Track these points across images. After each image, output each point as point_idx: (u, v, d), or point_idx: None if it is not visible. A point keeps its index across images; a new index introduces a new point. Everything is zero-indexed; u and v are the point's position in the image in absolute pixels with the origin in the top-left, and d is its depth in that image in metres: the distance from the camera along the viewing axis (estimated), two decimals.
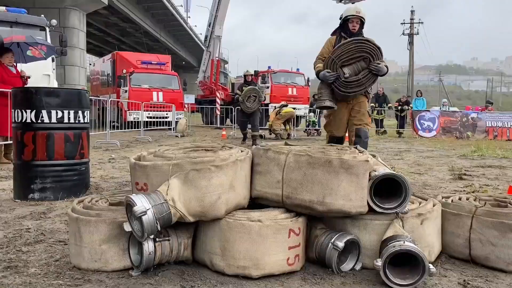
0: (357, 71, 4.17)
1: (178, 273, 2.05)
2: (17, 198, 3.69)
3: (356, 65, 4.15)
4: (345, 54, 4.12)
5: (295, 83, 21.26)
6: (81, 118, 3.82)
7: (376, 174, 2.11)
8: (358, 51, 4.11)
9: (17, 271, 2.05)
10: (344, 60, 4.13)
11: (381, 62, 4.16)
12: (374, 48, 4.12)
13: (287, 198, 2.12)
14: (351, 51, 4.12)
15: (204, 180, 2.00)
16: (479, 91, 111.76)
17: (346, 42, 4.17)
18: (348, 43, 4.15)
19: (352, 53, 4.12)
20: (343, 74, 4.14)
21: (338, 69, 4.16)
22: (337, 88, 4.21)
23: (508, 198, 2.54)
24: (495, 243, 2.18)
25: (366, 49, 4.11)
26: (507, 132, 14.78)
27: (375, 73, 4.16)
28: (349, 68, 4.14)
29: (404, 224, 2.12)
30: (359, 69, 4.17)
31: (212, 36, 24.03)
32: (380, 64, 4.14)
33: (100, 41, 40.46)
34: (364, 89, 4.30)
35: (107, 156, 7.38)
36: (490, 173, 5.91)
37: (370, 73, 4.18)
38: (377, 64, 4.13)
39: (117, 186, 4.41)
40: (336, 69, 4.17)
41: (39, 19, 10.87)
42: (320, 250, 2.13)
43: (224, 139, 13.06)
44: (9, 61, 6.26)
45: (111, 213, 2.13)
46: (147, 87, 18.01)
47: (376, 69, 4.13)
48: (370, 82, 4.27)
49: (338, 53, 4.14)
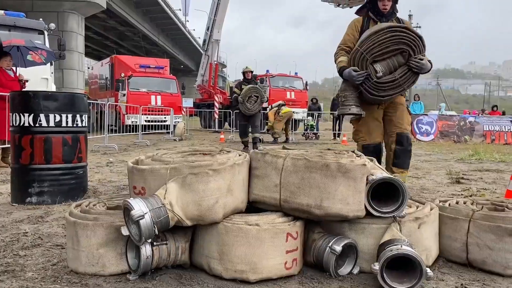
0: (392, 68, 3.35)
1: (175, 277, 2.05)
2: (14, 202, 3.69)
3: (392, 60, 3.33)
4: (377, 47, 3.27)
5: (293, 87, 21.29)
6: (79, 122, 3.82)
7: (373, 178, 2.11)
8: (394, 43, 3.26)
9: (14, 275, 2.05)
10: (376, 55, 3.30)
11: (424, 57, 3.35)
12: (415, 38, 3.28)
13: (285, 202, 2.12)
14: (386, 43, 3.27)
15: (201, 184, 2.00)
16: (477, 95, 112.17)
17: (379, 30, 3.28)
18: (381, 32, 3.27)
19: (387, 46, 3.27)
20: (374, 72, 3.32)
21: (369, 66, 3.34)
22: (367, 91, 3.39)
23: (505, 202, 2.55)
24: (492, 247, 2.18)
25: (405, 40, 3.26)
26: (504, 136, 14.83)
27: (416, 71, 3.34)
28: (382, 64, 3.33)
29: (402, 228, 2.12)
30: (395, 66, 3.34)
31: (211, 40, 24.08)
32: (423, 60, 3.31)
33: (99, 45, 40.50)
34: (401, 91, 3.47)
35: (105, 159, 7.37)
36: (488, 177, 5.93)
37: (409, 71, 3.36)
38: (419, 59, 3.30)
39: (115, 190, 4.41)
40: (366, 67, 3.34)
41: (37, 23, 10.88)
42: (318, 254, 2.13)
43: (222, 142, 13.07)
44: (7, 64, 6.27)
45: (108, 217, 2.13)
46: (145, 91, 18.01)
47: (417, 66, 3.30)
48: (410, 82, 3.42)
49: (369, 45, 3.28)
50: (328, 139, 16.42)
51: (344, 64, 3.52)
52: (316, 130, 16.72)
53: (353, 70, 3.37)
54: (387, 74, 3.34)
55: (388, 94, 3.40)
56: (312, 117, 17.17)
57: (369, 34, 3.32)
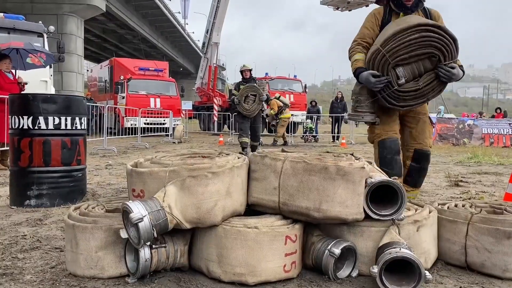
0: (417, 73, 2.90)
1: (174, 280, 2.05)
2: (13, 205, 3.68)
3: (417, 64, 2.87)
4: (403, 50, 2.82)
5: (292, 90, 21.34)
6: (78, 124, 3.82)
7: (372, 181, 2.11)
8: (423, 46, 2.80)
9: (13, 278, 2.05)
10: (400, 58, 2.85)
11: (455, 64, 2.88)
12: (448, 41, 2.79)
13: (284, 205, 2.13)
14: (413, 45, 2.80)
15: (200, 186, 2.00)
16: (476, 98, 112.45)
17: (406, 29, 2.80)
18: (409, 31, 2.80)
19: (415, 48, 2.81)
20: (396, 79, 2.89)
21: (390, 70, 2.90)
22: (385, 99, 3.00)
23: (504, 205, 2.55)
24: (491, 250, 2.18)
25: (436, 43, 2.78)
26: (503, 139, 14.84)
27: (445, 80, 2.89)
28: (405, 69, 2.88)
29: (400, 231, 2.12)
30: (421, 72, 2.89)
31: (210, 42, 24.13)
32: (455, 69, 2.85)
33: (98, 48, 40.55)
34: (424, 102, 3.05)
35: (104, 162, 7.36)
36: (486, 179, 5.93)
37: (436, 79, 2.90)
38: (450, 67, 2.84)
39: (114, 193, 4.40)
40: (387, 71, 2.90)
41: (36, 26, 10.90)
42: (317, 257, 2.13)
43: (221, 145, 13.07)
44: (7, 67, 6.28)
45: (107, 219, 2.13)
46: (144, 94, 18.03)
47: (447, 76, 2.85)
48: (435, 92, 2.96)
49: (393, 46, 2.82)
50: (327, 142, 16.42)
51: (361, 64, 3.06)
52: (315, 133, 16.73)
53: (371, 74, 2.94)
54: (410, 80, 2.91)
55: (409, 104, 3.00)
56: (311, 119, 17.18)
57: (394, 32, 2.83)
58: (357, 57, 3.11)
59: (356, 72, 3.08)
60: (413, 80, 2.93)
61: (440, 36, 2.79)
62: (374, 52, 2.95)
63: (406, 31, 2.81)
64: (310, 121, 17.11)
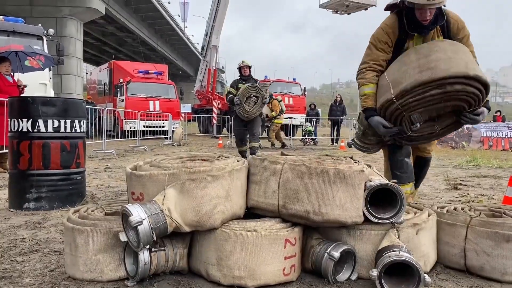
0: (434, 116, 2.61)
1: (173, 283, 2.05)
2: (12, 208, 3.67)
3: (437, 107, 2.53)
4: (422, 104, 2.48)
5: (291, 93, 21.33)
6: (78, 127, 3.83)
7: (371, 184, 2.12)
8: (447, 100, 2.45)
9: (12, 281, 2.04)
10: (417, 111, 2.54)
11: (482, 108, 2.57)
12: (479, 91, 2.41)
13: (283, 208, 2.13)
14: (435, 100, 2.45)
15: (200, 190, 2.00)
16: None
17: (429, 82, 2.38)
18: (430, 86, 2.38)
19: (436, 102, 2.47)
20: (409, 125, 2.60)
21: (404, 121, 2.61)
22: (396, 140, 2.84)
23: (503, 208, 2.56)
24: (490, 253, 2.19)
25: (465, 96, 2.42)
26: (502, 142, 14.86)
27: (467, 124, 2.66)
28: (421, 114, 2.57)
29: (400, 234, 2.13)
30: (439, 113, 2.60)
31: (209, 45, 24.16)
32: (479, 116, 2.55)
33: (97, 50, 40.56)
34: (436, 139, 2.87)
35: (103, 165, 7.36)
36: (485, 183, 5.94)
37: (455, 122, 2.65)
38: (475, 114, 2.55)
39: (113, 196, 4.40)
40: (401, 121, 2.62)
41: (36, 28, 10.91)
42: (316, 260, 2.13)
43: (220, 148, 13.07)
44: (6, 70, 6.28)
45: (106, 223, 2.13)
46: (143, 96, 18.02)
47: (469, 122, 2.61)
48: (451, 132, 2.76)
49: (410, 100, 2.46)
50: (326, 145, 16.44)
51: (371, 104, 2.71)
52: (314, 136, 16.75)
53: (382, 125, 2.68)
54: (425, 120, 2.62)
55: (420, 142, 2.84)
56: (310, 122, 17.20)
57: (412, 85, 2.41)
58: (367, 91, 2.76)
59: (366, 114, 2.80)
60: (428, 119, 2.64)
61: (471, 87, 2.39)
62: (388, 101, 2.58)
63: (428, 85, 2.40)
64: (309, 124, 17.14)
